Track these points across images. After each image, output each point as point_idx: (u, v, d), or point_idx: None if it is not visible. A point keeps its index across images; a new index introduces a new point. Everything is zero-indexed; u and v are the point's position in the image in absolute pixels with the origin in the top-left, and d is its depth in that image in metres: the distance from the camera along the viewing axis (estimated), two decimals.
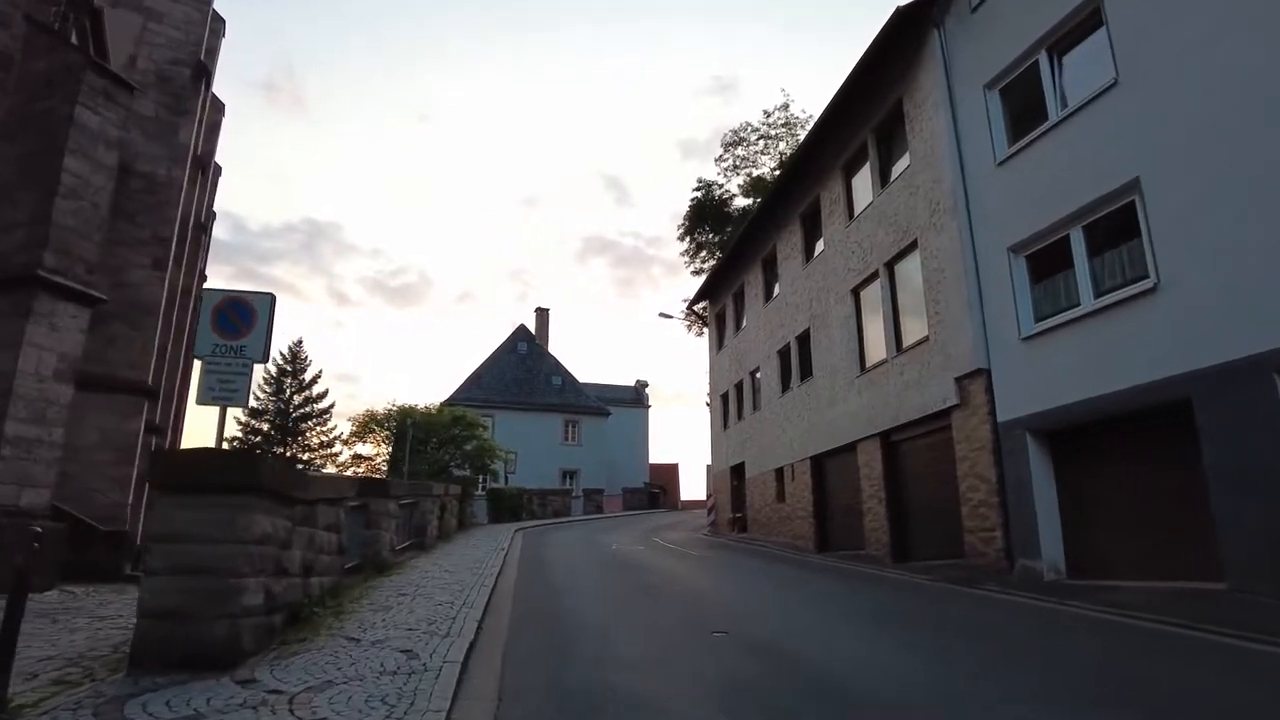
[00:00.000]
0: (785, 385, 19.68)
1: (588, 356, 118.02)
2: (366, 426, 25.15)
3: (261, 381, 47.95)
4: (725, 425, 25.19)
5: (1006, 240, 11.45)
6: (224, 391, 6.19)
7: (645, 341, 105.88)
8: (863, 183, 16.12)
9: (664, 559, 15.00)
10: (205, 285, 21.10)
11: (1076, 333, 10.16)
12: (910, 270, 14.02)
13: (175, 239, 18.51)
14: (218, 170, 30.59)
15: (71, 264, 11.15)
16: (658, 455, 51.84)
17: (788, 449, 19.02)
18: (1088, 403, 9.79)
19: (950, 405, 12.31)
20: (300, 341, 49.31)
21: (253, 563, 5.10)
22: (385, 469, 24.60)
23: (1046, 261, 10.95)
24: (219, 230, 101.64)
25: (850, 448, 15.72)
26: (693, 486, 60.31)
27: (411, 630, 6.14)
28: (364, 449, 30.33)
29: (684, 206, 33.16)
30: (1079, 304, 10.19)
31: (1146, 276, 9.12)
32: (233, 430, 47.95)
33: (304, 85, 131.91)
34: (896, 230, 14.26)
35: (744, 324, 23.41)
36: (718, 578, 12.08)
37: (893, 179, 14.75)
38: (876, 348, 15.08)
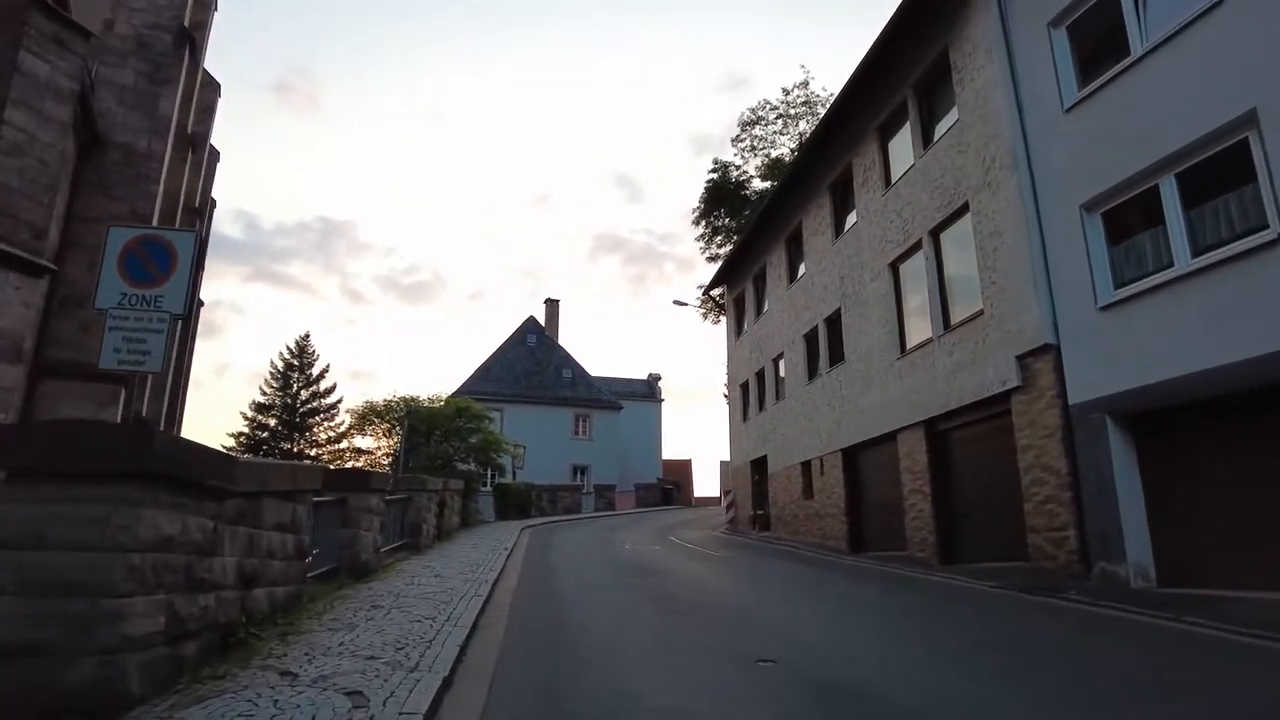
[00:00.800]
0: (812, 372, 18.20)
1: (599, 353, 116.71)
2: (365, 418, 23.93)
3: (269, 376, 47.11)
4: (745, 417, 23.72)
5: (1078, 196, 9.94)
6: (133, 353, 4.84)
7: (657, 339, 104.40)
8: (901, 146, 14.61)
9: (684, 561, 13.61)
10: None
11: (1169, 298, 8.64)
12: (959, 238, 12.52)
13: (158, 217, 17.32)
14: (215, 155, 29.38)
15: (15, 229, 9.90)
16: (669, 452, 50.33)
17: (816, 441, 17.55)
18: (1185, 380, 8.28)
19: (1010, 387, 10.83)
20: (307, 335, 48.33)
21: (142, 576, 3.75)
22: (386, 463, 23.37)
23: (1128, 218, 9.44)
24: (233, 229, 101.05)
25: (889, 438, 14.25)
26: (706, 483, 58.98)
27: (372, 659, 4.78)
28: (367, 442, 29.21)
29: (696, 203, 31.68)
30: (1171, 265, 8.67)
31: (1266, 227, 7.59)
32: (238, 425, 47.12)
33: (316, 85, 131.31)
34: (943, 194, 12.77)
35: (765, 308, 21.92)
36: (748, 585, 10.68)
37: (937, 138, 13.25)
38: (919, 327, 13.58)
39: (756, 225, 21.60)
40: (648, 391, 49.44)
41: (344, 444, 42.97)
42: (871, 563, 13.17)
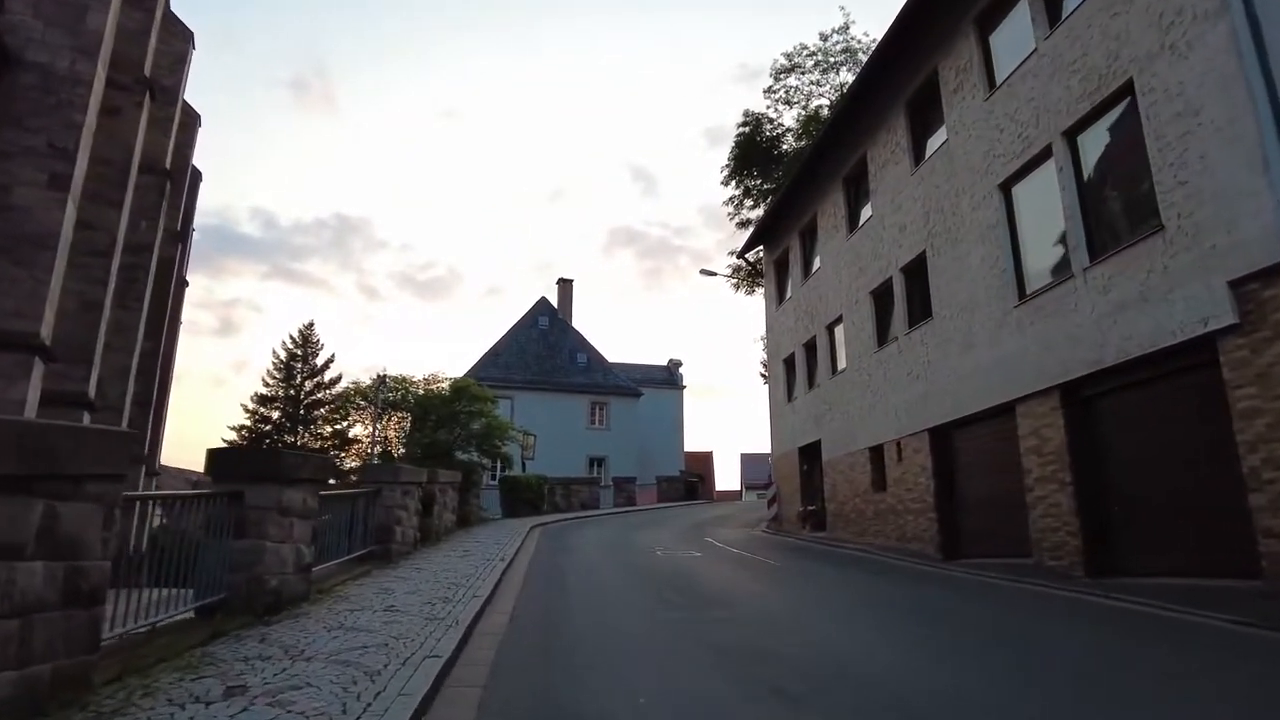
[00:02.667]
0: (884, 336, 14.86)
1: (615, 345, 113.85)
2: (349, 400, 20.97)
3: (271, 367, 44.51)
4: (790, 396, 20.39)
5: None
6: None
7: (673, 333, 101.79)
8: (1011, 34, 11.25)
9: (740, 576, 10.39)
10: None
11: None
12: (1113, 132, 9.19)
13: (87, 156, 14.33)
14: (194, 117, 26.50)
15: None
16: (689, 445, 46.83)
17: (889, 419, 14.24)
18: None
19: (1218, 328, 7.50)
20: (311, 324, 45.41)
21: None
22: (376, 452, 20.36)
23: None
24: (250, 227, 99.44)
25: (1002, 411, 10.93)
26: (725, 477, 55.82)
27: None
28: (356, 430, 26.17)
29: (711, 197, 28.46)
30: None
31: None
32: (240, 418, 44.41)
33: (331, 83, 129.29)
34: (1085, 79, 9.42)
35: (816, 266, 18.55)
36: (848, 619, 7.43)
37: (1070, 10, 9.90)
38: (1049, 258, 10.26)
39: (805, 168, 18.16)
40: (668, 378, 46.09)
41: (350, 434, 40.28)
42: (989, 574, 9.83)
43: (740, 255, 24.94)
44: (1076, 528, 9.37)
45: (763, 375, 24.00)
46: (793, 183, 18.97)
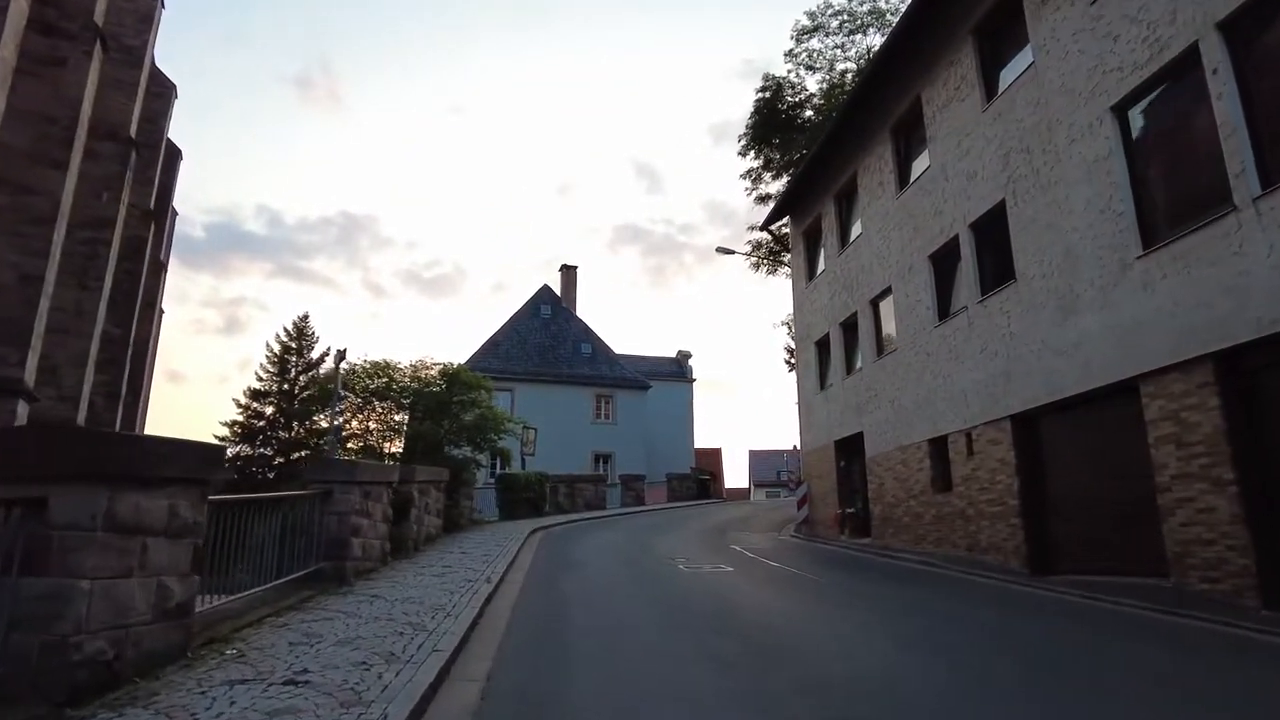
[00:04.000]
0: (946, 307, 12.55)
1: (620, 340, 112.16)
2: (323, 389, 18.84)
3: (264, 360, 42.67)
4: (823, 384, 18.08)
5: None
6: None
7: (679, 329, 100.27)
8: None
9: (792, 603, 8.12)
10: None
11: None
12: None
13: (7, 99, 12.15)
14: (168, 86, 24.39)
15: None
16: (697, 441, 44.42)
17: (956, 407, 11.94)
18: None
19: None
20: (306, 316, 43.41)
21: None
22: (357, 448, 18.23)
23: None
24: (256, 225, 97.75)
25: (1119, 391, 8.64)
26: (733, 475, 53.75)
27: None
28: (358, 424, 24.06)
29: (716, 194, 26.22)
30: None
31: None
32: (233, 413, 42.49)
33: (337, 80, 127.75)
34: None
35: (856, 233, 16.23)
36: (1008, 694, 5.18)
37: None
38: (1190, 191, 7.96)
39: (841, 120, 15.79)
40: (676, 370, 43.77)
41: (349, 428, 38.32)
42: (1132, 603, 7.47)
43: (763, 227, 22.54)
44: (1246, 542, 7.08)
45: (788, 362, 21.73)
46: (826, 139, 16.61)
